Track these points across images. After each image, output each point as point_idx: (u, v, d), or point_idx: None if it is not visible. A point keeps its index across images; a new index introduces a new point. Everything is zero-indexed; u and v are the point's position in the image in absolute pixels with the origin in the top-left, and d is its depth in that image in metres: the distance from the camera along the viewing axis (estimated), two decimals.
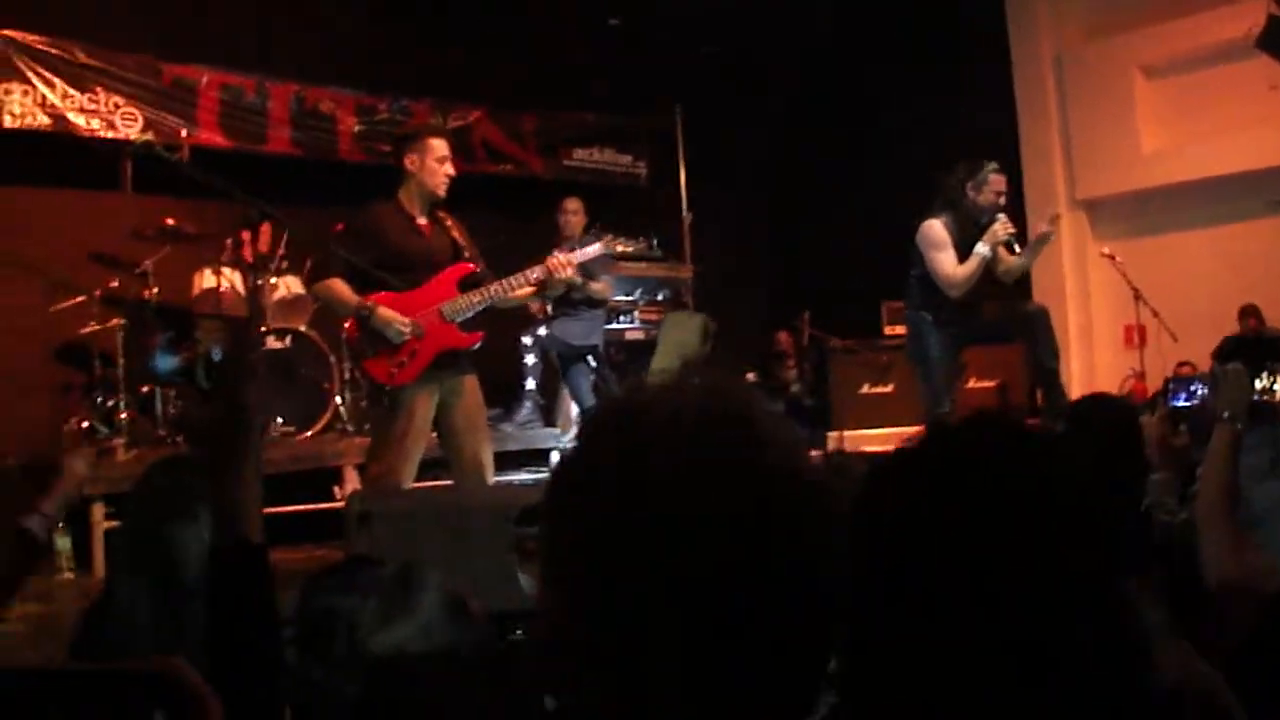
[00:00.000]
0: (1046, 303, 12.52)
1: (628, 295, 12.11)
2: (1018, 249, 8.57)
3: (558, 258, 7.09)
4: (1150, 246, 13.25)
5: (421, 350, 6.55)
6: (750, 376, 14.18)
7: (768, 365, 14.41)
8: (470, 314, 6.71)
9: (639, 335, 12.15)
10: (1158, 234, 13.39)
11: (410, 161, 6.74)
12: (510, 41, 13.14)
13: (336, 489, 9.10)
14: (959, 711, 1.42)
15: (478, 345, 6.81)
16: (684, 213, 13.23)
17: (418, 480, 6.87)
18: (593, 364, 10.65)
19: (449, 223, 6.89)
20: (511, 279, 6.85)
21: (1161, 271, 12.71)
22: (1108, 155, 13.45)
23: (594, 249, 7.51)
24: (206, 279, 9.99)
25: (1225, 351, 4.85)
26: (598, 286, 10.25)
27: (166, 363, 8.68)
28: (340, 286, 6.57)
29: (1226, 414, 3.91)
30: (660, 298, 12.47)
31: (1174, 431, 5.17)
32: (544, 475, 10.50)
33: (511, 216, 11.51)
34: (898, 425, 11.33)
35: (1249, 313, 12.20)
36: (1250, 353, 4.41)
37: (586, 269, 9.73)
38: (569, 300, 10.29)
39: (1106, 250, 12.48)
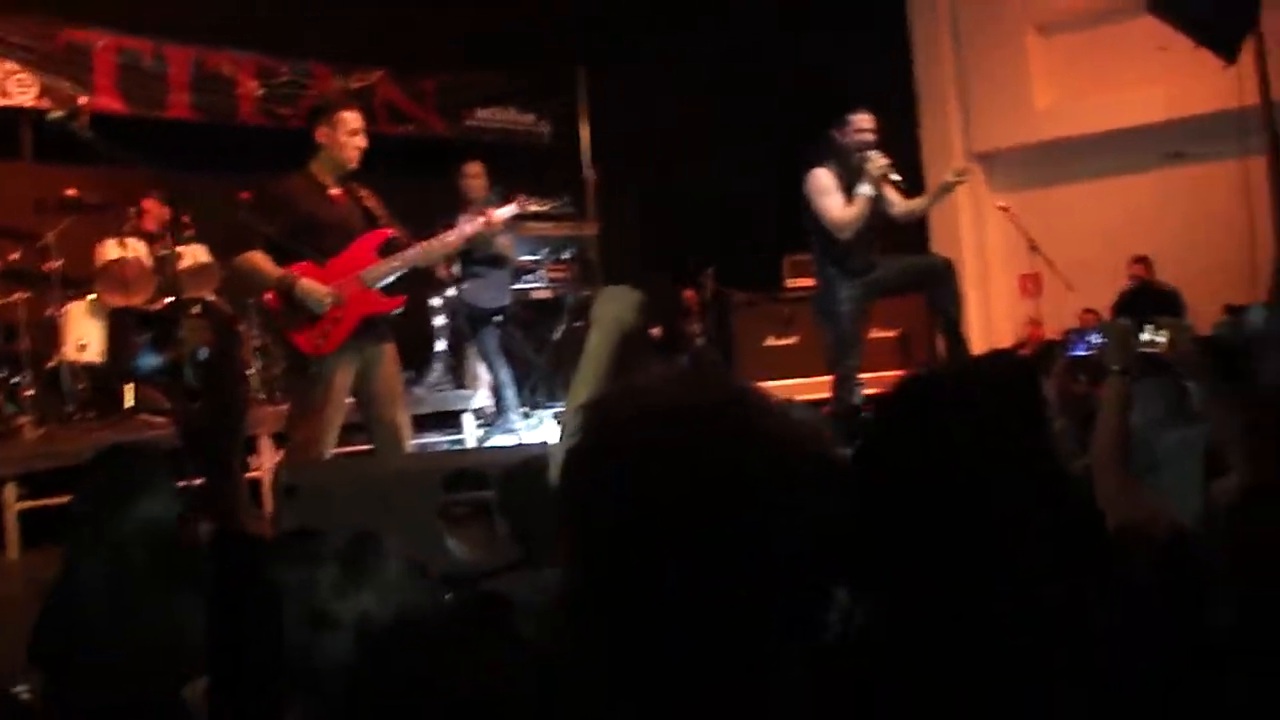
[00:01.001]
0: (944, 253, 12.78)
1: (533, 255, 12.16)
2: (895, 178, 8.70)
3: (478, 221, 7.19)
4: (1044, 198, 13.52)
5: (344, 318, 6.58)
6: (655, 332, 14.31)
7: (673, 321, 14.52)
8: (390, 279, 6.77)
9: (546, 294, 12.21)
10: (1051, 186, 13.66)
11: (322, 134, 6.75)
12: (412, 1, 13.10)
13: (251, 459, 9.10)
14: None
15: (399, 310, 6.89)
16: (587, 171, 13.29)
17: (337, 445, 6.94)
18: (499, 323, 10.74)
19: (362, 192, 6.93)
20: (433, 241, 6.96)
21: (1055, 222, 12.96)
22: (1002, 109, 13.69)
23: (510, 209, 7.58)
24: (110, 250, 9.87)
25: (1119, 305, 5.04)
26: (503, 242, 10.33)
27: (150, 361, 8.65)
28: (261, 259, 6.58)
29: (1116, 366, 4.10)
30: (565, 256, 12.53)
31: (1073, 380, 5.35)
32: (459, 438, 10.55)
33: (414, 178, 11.50)
34: (802, 376, 11.50)
35: (1137, 261, 12.49)
36: (1138, 307, 4.61)
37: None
38: (473, 259, 10.36)
39: (1002, 203, 12.71)
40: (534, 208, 7.98)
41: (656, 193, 15.11)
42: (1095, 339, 4.67)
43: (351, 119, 6.79)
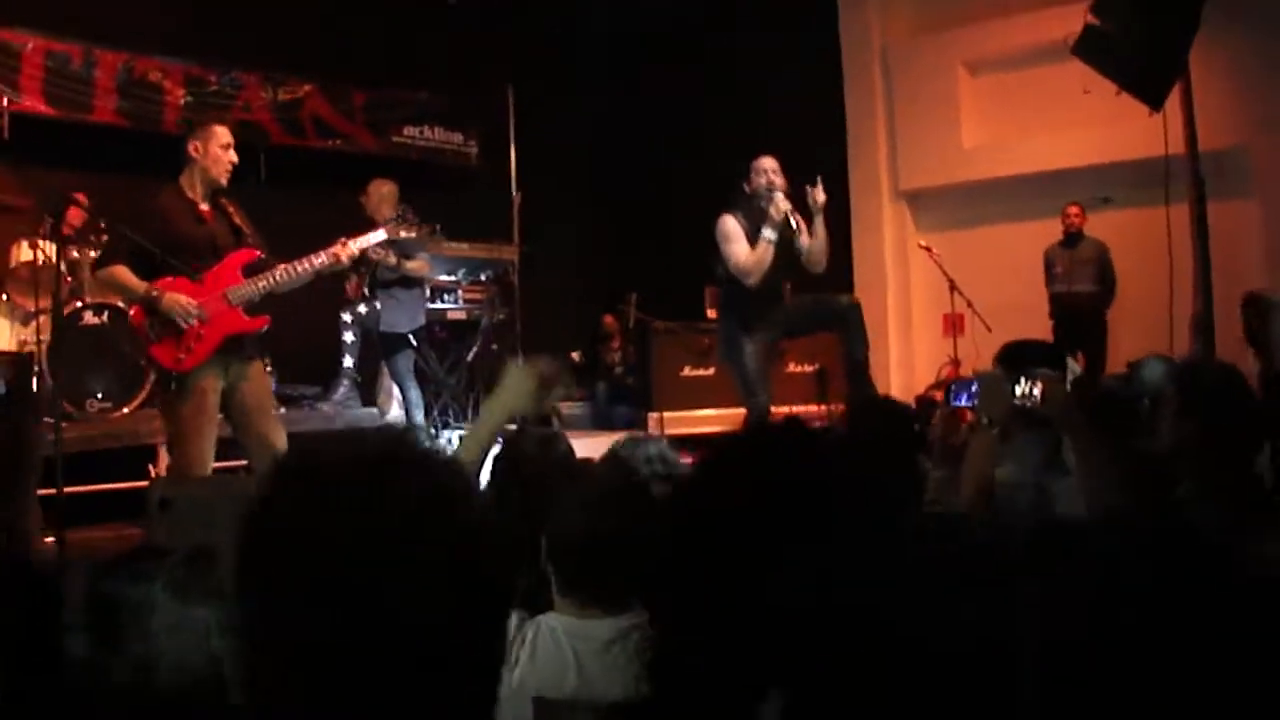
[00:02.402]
0: (868, 291, 12.85)
1: (450, 275, 12.09)
2: (795, 224, 8.67)
3: (338, 247, 7.23)
4: (970, 238, 13.56)
5: (207, 335, 6.68)
6: (575, 357, 14.33)
7: (594, 346, 14.53)
8: (255, 299, 6.89)
9: (461, 315, 12.13)
10: (977, 226, 13.69)
11: (195, 149, 6.86)
12: (344, 15, 13.07)
13: (151, 467, 9.04)
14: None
15: (264, 329, 7.00)
16: (513, 193, 13.25)
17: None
18: (414, 344, 10.70)
19: (231, 209, 7.02)
20: (295, 264, 7.01)
21: (980, 263, 13.02)
22: (930, 148, 13.71)
23: (376, 236, 7.63)
24: (24, 252, 9.82)
25: (999, 356, 5.03)
26: (413, 265, 10.33)
27: None
28: (125, 273, 6.67)
29: (985, 419, 4.11)
30: (483, 278, 12.47)
31: (955, 430, 5.34)
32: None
33: (339, 192, 11.46)
34: (716, 407, 11.56)
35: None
36: (1014, 359, 4.59)
37: (403, 247, 9.84)
38: (384, 282, 10.35)
39: (923, 242, 12.76)
40: (405, 233, 8.02)
41: (584, 216, 15.13)
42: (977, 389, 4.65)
43: (223, 134, 6.91)
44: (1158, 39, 9.99)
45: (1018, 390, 4.20)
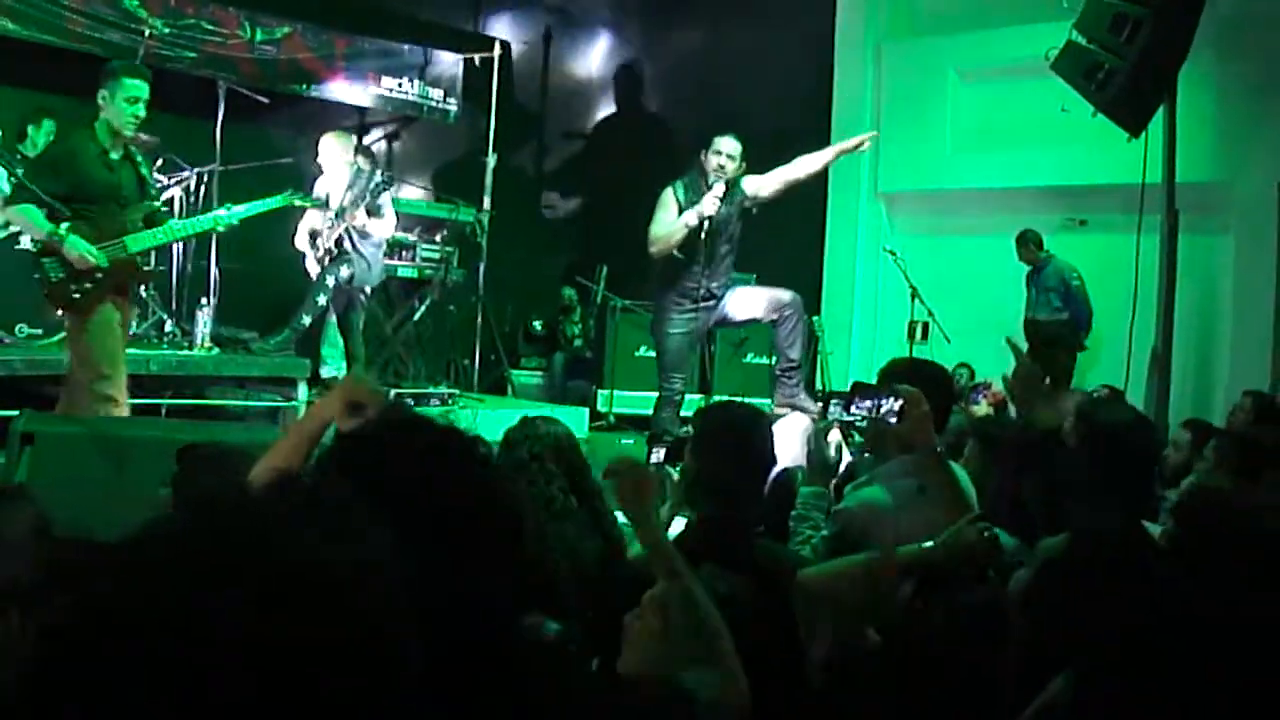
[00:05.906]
0: (836, 290, 12.67)
1: (406, 233, 11.92)
2: (725, 206, 8.51)
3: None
4: (944, 247, 13.36)
5: (104, 278, 6.81)
6: (537, 325, 14.26)
7: (557, 318, 14.41)
8: (150, 247, 7.23)
9: (412, 273, 11.97)
10: (951, 235, 13.50)
11: (102, 97, 6.90)
12: None
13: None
14: None
15: (154, 276, 7.60)
16: (489, 154, 13.13)
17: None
18: (363, 301, 10.59)
19: (139, 159, 7.22)
20: (191, 220, 7.58)
21: (952, 273, 12.85)
22: (913, 152, 13.48)
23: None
24: None
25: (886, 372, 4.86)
26: (380, 224, 10.26)
27: None
28: (34, 212, 6.76)
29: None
30: (438, 238, 12.31)
31: (826, 445, 5.16)
32: (294, 404, 10.18)
33: (309, 137, 11.31)
34: None
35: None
36: (883, 377, 4.45)
37: (372, 197, 9.81)
38: (349, 241, 10.23)
39: (888, 247, 12.61)
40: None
41: (561, 186, 15.05)
42: (883, 404, 4.48)
43: (132, 86, 6.91)
44: (1143, 64, 9.78)
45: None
